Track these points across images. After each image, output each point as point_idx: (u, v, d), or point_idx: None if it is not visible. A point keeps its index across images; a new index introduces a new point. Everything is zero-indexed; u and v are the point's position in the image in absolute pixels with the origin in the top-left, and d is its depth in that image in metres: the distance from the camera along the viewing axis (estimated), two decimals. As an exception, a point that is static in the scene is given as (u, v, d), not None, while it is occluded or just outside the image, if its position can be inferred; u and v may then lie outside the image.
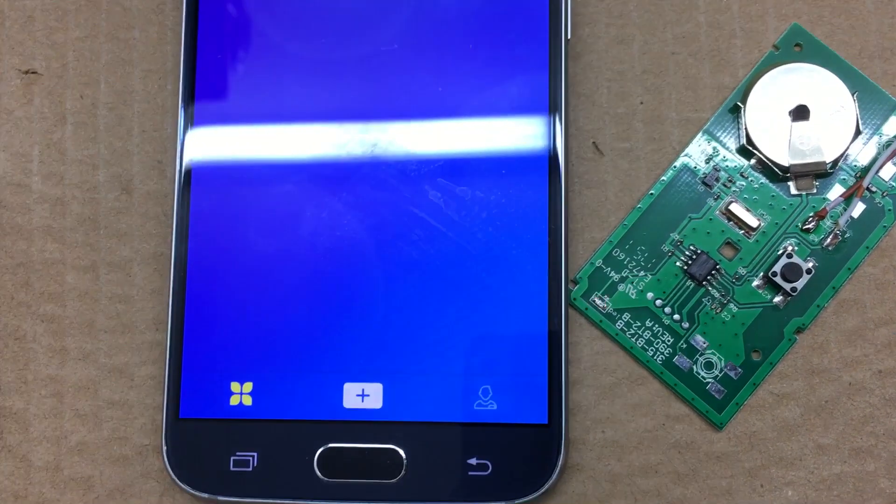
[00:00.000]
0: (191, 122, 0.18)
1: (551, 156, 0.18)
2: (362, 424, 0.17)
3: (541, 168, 0.18)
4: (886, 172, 0.18)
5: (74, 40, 0.20)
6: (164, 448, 0.17)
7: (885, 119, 0.18)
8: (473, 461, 0.17)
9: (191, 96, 0.18)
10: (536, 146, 0.18)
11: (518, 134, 0.18)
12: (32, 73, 0.20)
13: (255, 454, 0.17)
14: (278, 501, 0.17)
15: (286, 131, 0.18)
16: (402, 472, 0.17)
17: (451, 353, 0.17)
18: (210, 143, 0.18)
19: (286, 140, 0.18)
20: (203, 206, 0.18)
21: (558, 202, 0.18)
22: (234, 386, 0.18)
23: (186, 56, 0.19)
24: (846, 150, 0.18)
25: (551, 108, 0.18)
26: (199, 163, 0.18)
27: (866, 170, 0.18)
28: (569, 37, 0.18)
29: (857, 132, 0.18)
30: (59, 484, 0.18)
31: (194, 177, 0.18)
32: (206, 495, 0.17)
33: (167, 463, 0.17)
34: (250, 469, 0.17)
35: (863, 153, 0.18)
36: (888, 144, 0.18)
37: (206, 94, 0.18)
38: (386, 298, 0.18)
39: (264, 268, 0.18)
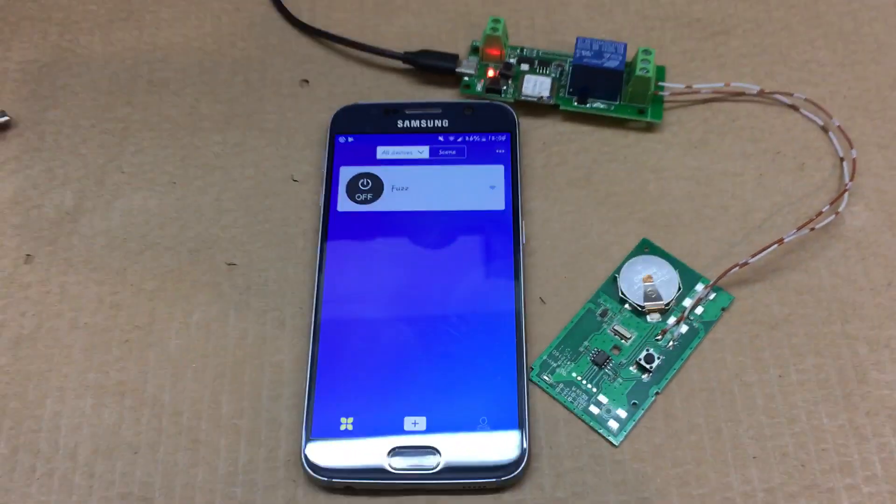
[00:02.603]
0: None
1: (516, 308, 0.33)
2: (416, 439, 0.31)
3: (510, 315, 0.33)
4: (698, 310, 0.34)
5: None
6: (303, 452, 0.31)
7: (695, 283, 0.34)
8: (478, 457, 0.30)
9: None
10: (507, 303, 0.33)
11: (496, 295, 0.34)
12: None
13: (355, 455, 0.31)
14: (365, 481, 0.30)
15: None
16: (438, 461, 0.30)
17: (466, 402, 0.31)
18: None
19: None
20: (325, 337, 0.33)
21: (521, 332, 0.33)
22: (343, 420, 0.31)
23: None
24: (673, 298, 0.34)
25: (516, 279, 0.34)
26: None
27: (685, 309, 0.34)
28: (524, 241, 0.35)
29: (679, 288, 0.34)
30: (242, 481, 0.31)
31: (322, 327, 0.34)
32: (324, 478, 0.30)
33: (305, 464, 0.31)
34: (352, 461, 0.30)
35: (685, 300, 0.34)
36: (694, 296, 0.34)
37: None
38: (429, 373, 0.32)
39: (357, 362, 0.32)
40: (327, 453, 0.31)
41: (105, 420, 0.32)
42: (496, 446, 0.31)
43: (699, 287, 0.34)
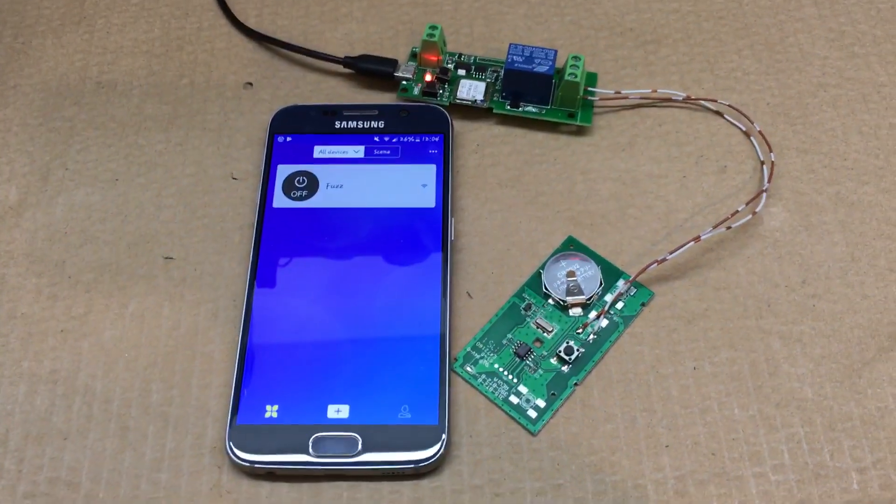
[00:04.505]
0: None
1: (442, 301, 0.34)
2: (338, 427, 0.32)
3: (436, 308, 0.34)
4: (619, 305, 0.35)
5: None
6: (228, 439, 0.31)
7: (616, 279, 0.35)
8: (398, 445, 0.31)
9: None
10: (433, 297, 0.34)
11: (423, 289, 0.35)
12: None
13: (278, 441, 0.31)
14: (288, 467, 0.31)
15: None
16: (359, 448, 0.31)
17: (389, 391, 0.32)
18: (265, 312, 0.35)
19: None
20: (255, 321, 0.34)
21: (446, 324, 0.34)
22: (268, 407, 0.32)
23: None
24: (594, 293, 0.35)
25: (443, 276, 0.35)
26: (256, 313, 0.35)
27: (606, 303, 0.35)
28: (453, 238, 0.36)
29: (601, 284, 0.35)
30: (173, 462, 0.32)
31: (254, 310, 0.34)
32: (247, 464, 0.31)
33: (229, 450, 0.31)
34: (275, 447, 0.31)
35: (606, 295, 0.35)
36: (615, 291, 0.35)
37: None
38: (353, 363, 0.33)
39: (285, 351, 0.33)
40: (251, 440, 0.31)
41: (37, 407, 0.33)
42: (417, 434, 0.31)
43: (620, 283, 0.35)
